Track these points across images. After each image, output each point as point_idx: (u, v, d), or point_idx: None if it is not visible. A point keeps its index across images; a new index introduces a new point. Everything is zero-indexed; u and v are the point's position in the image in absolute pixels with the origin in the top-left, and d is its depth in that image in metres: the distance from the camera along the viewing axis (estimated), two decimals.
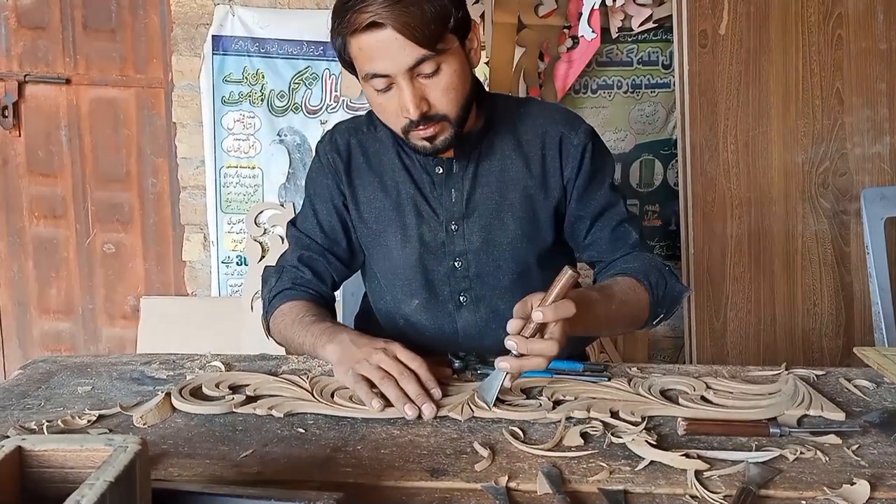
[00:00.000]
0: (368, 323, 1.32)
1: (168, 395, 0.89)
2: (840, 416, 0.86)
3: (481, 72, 2.13)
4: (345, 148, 1.20)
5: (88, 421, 0.84)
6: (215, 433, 0.82)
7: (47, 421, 0.82)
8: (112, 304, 2.50)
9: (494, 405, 0.88)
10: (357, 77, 1.08)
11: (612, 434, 0.81)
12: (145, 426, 0.84)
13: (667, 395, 0.93)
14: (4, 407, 0.88)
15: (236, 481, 0.71)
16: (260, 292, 1.24)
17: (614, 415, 0.86)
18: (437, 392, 0.90)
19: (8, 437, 0.62)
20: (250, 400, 0.90)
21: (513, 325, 0.88)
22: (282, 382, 0.95)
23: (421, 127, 1.04)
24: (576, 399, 0.90)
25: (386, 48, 0.98)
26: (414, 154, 1.16)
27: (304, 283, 1.19)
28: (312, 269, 1.20)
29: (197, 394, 0.91)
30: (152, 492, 0.58)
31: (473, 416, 0.86)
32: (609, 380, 0.97)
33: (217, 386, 0.93)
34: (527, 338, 0.86)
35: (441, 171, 1.16)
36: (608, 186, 1.19)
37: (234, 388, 0.93)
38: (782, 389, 0.93)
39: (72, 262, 2.48)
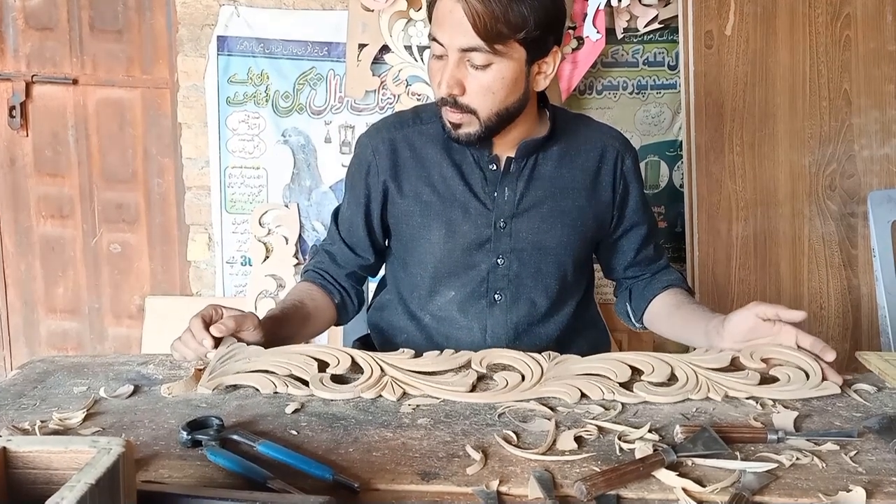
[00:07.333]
0: (383, 311, 1.34)
1: (198, 370, 0.96)
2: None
3: None
4: (388, 143, 1.23)
5: (86, 408, 0.86)
6: None
7: (41, 421, 0.82)
8: (118, 304, 2.51)
9: None
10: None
11: (620, 438, 0.81)
12: (172, 396, 0.91)
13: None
14: (0, 406, 0.89)
15: (226, 484, 0.71)
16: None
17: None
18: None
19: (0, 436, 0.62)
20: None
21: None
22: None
23: (448, 108, 1.09)
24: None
25: (449, 20, 1.04)
26: (469, 149, 1.19)
27: (322, 267, 1.30)
28: (330, 256, 1.30)
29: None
30: (138, 494, 0.58)
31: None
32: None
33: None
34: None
35: (495, 167, 1.19)
36: (649, 208, 1.32)
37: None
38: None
39: (78, 262, 2.49)
